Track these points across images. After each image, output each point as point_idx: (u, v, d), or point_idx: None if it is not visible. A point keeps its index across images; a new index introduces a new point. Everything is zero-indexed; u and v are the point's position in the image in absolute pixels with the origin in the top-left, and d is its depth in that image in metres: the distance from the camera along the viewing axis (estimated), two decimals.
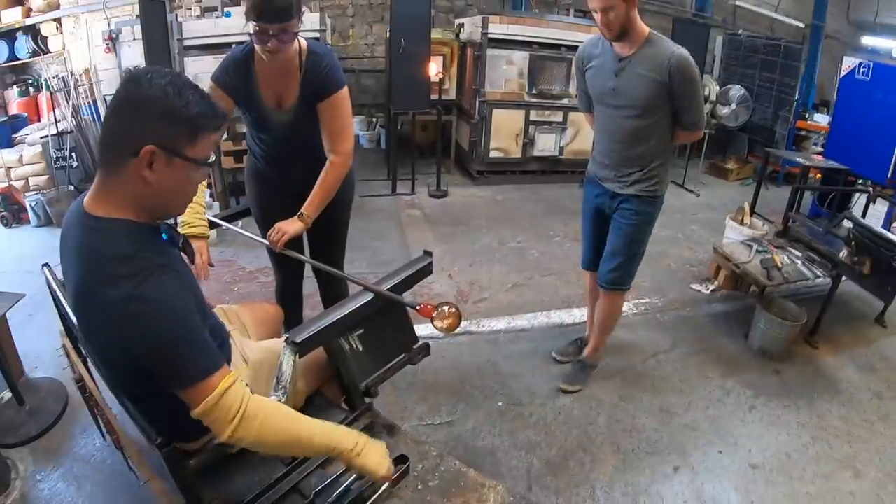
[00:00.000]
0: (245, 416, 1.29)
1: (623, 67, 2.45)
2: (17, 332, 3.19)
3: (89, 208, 1.32)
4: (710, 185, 7.28)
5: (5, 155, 6.21)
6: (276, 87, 2.27)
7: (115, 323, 1.24)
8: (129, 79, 1.28)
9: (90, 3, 7.12)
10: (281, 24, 2.01)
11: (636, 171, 2.62)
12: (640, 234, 2.76)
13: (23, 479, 2.55)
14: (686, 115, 2.49)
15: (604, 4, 2.26)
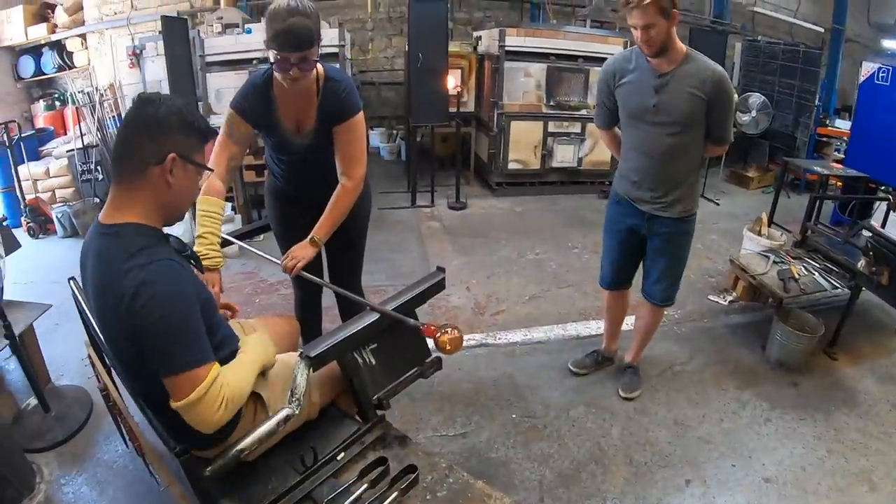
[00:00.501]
0: (226, 405, 1.45)
1: (665, 83, 2.45)
2: (43, 341, 3.30)
3: (103, 220, 1.52)
4: (731, 194, 7.24)
5: (32, 167, 6.41)
6: (295, 113, 2.33)
7: (125, 311, 1.38)
8: (144, 103, 1.52)
9: (114, 20, 7.31)
10: (302, 53, 2.06)
11: (674, 191, 2.63)
12: (685, 251, 2.85)
13: (48, 483, 2.65)
14: (719, 129, 2.52)
15: (645, 21, 2.27)
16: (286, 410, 1.56)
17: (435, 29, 5.79)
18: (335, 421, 1.93)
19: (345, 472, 1.70)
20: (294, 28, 2.01)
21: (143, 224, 1.50)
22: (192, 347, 1.41)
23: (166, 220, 1.59)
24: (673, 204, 2.64)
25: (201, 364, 1.41)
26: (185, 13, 7.21)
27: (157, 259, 1.42)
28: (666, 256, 2.81)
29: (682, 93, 2.42)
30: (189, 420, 1.42)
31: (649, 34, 2.30)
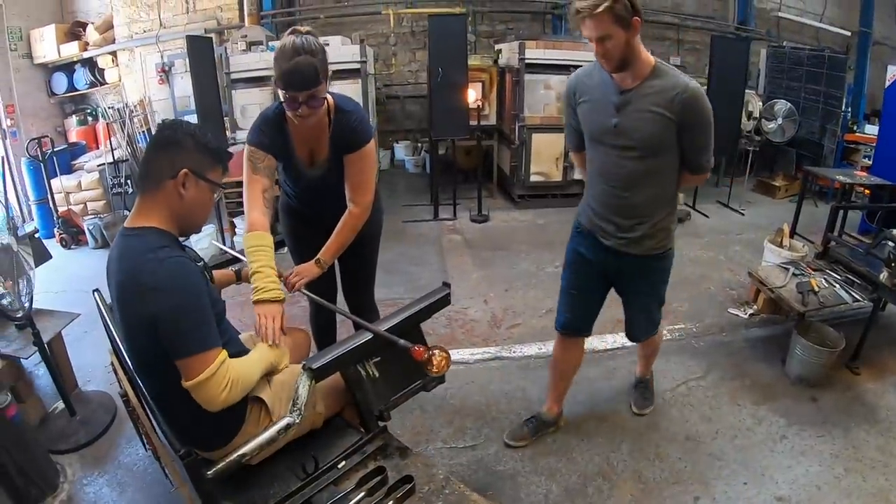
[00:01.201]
0: (232, 388, 1.61)
1: (627, 101, 2.15)
2: (72, 348, 3.44)
3: (127, 225, 1.73)
4: (757, 204, 7.14)
5: (65, 181, 6.65)
6: (308, 144, 2.40)
7: (145, 299, 1.55)
8: (163, 127, 1.82)
9: (144, 38, 7.52)
10: (308, 91, 2.11)
11: (641, 225, 2.31)
12: (661, 290, 2.58)
13: (70, 483, 2.77)
14: (694, 155, 2.22)
15: (599, 32, 1.98)
16: (287, 419, 1.63)
17: (454, 44, 5.86)
18: (338, 431, 1.99)
19: (344, 480, 1.75)
20: (300, 67, 2.07)
21: (162, 229, 1.71)
22: (203, 332, 1.59)
23: (182, 229, 1.80)
24: (641, 240, 2.34)
25: (211, 348, 1.59)
26: (212, 30, 7.40)
27: (175, 256, 1.62)
28: (638, 297, 2.57)
29: (645, 112, 2.12)
30: (198, 398, 1.58)
31: (605, 47, 2.02)
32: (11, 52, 7.32)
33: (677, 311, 4.19)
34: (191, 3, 7.58)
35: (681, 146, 2.19)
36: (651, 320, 2.67)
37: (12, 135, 7.12)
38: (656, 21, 8.73)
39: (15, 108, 7.26)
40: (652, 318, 2.67)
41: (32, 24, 7.63)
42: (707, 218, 6.50)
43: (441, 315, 3.88)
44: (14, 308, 2.79)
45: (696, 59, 8.79)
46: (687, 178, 2.34)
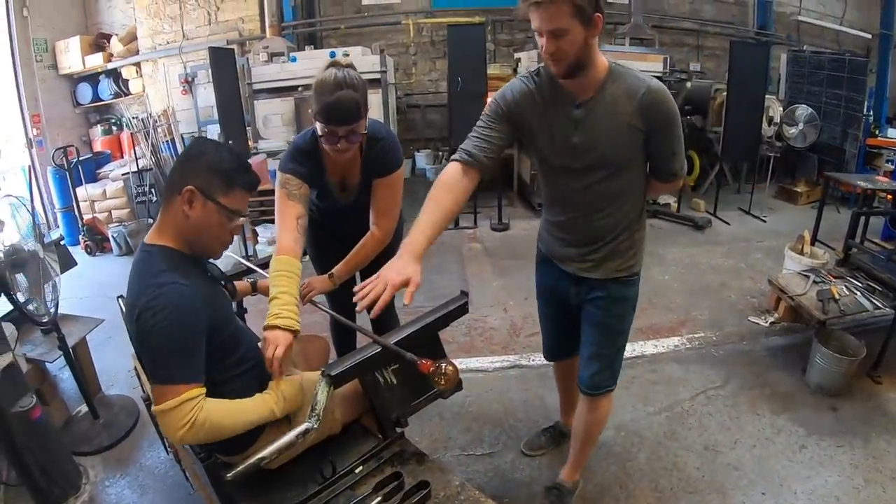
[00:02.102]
0: (191, 428, 1.53)
1: (586, 115, 1.83)
2: (96, 353, 3.52)
3: (147, 239, 1.72)
4: (779, 210, 7.06)
5: (90, 189, 6.76)
6: (341, 171, 2.39)
7: (137, 320, 1.56)
8: (193, 141, 1.80)
9: (167, 49, 7.66)
10: (349, 126, 2.07)
11: (606, 246, 2.02)
12: (623, 324, 2.19)
13: (92, 485, 2.83)
14: (666, 163, 1.93)
15: (554, 25, 1.62)
16: (306, 424, 1.65)
17: (473, 53, 5.90)
18: (356, 436, 2.01)
19: (361, 485, 1.77)
20: (342, 102, 2.02)
21: (173, 248, 1.69)
22: (179, 365, 1.55)
23: (193, 251, 1.74)
24: (604, 261, 2.05)
25: (182, 382, 1.54)
26: (234, 41, 7.51)
27: (173, 282, 1.57)
28: (598, 329, 2.16)
29: (611, 124, 1.81)
30: (160, 426, 1.58)
31: (558, 44, 1.66)
32: (37, 63, 7.48)
33: (697, 319, 4.17)
34: (213, 15, 7.71)
35: (649, 154, 1.91)
36: (604, 366, 2.21)
37: (38, 144, 7.27)
38: (675, 27, 8.72)
39: (41, 118, 7.41)
40: (605, 363, 2.21)
41: (57, 35, 7.79)
42: (728, 225, 6.45)
43: (461, 323, 3.92)
44: (40, 313, 2.84)
45: (715, 64, 8.74)
46: (656, 187, 2.05)
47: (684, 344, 3.82)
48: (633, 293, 2.15)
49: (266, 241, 5.59)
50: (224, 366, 1.73)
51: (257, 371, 1.87)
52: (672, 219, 6.58)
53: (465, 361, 3.64)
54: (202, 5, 7.69)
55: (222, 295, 1.88)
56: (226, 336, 1.72)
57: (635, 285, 2.15)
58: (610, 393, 2.27)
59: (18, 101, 7.26)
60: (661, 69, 6.41)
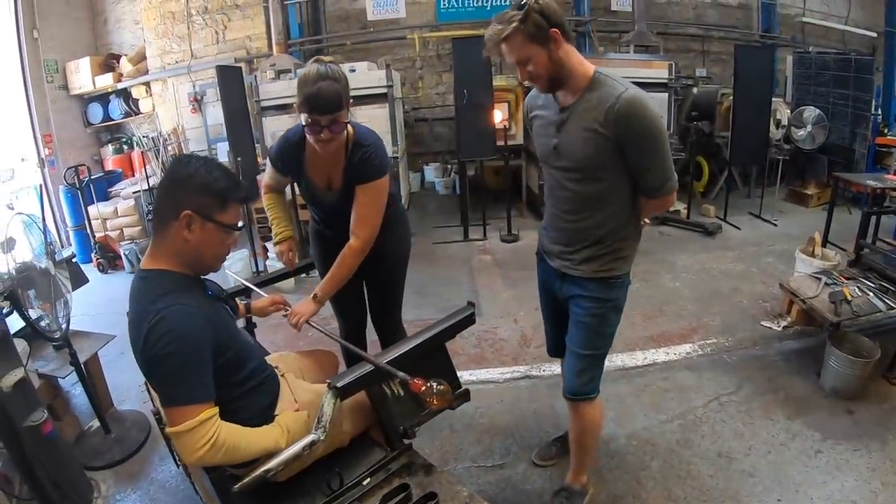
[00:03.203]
0: (211, 448, 1.53)
1: (565, 120, 1.95)
2: (107, 369, 3.55)
3: (142, 265, 1.71)
4: (789, 213, 7.00)
5: (102, 207, 6.84)
6: (324, 171, 2.46)
7: (142, 345, 1.54)
8: (174, 162, 1.74)
9: (176, 68, 7.77)
10: (331, 116, 2.17)
11: (587, 248, 2.08)
12: (604, 326, 2.18)
13: (104, 499, 2.85)
14: (645, 176, 1.93)
15: (517, 56, 1.83)
16: (311, 436, 1.66)
17: (479, 66, 5.91)
18: (364, 448, 2.01)
19: (369, 497, 1.78)
20: (323, 92, 2.13)
21: (171, 271, 1.67)
22: (189, 386, 1.54)
23: (194, 271, 1.74)
24: (585, 261, 2.10)
25: (195, 402, 1.54)
26: (242, 59, 7.62)
27: (175, 304, 1.56)
28: (579, 329, 2.18)
29: (580, 130, 1.89)
30: (176, 448, 1.57)
31: (528, 70, 1.85)
32: (48, 84, 7.63)
33: (709, 325, 4.14)
34: (220, 34, 7.82)
35: (629, 167, 1.93)
36: (585, 368, 2.22)
37: (50, 163, 7.38)
38: (680, 34, 8.73)
39: (52, 138, 7.53)
40: (584, 366, 2.22)
41: (67, 56, 7.94)
42: (739, 230, 6.41)
43: (471, 334, 3.92)
44: (52, 329, 2.87)
45: (721, 69, 8.74)
46: (646, 205, 2.06)
47: (696, 351, 3.79)
48: (615, 295, 2.15)
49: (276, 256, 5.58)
50: (231, 383, 1.72)
51: (265, 389, 1.87)
52: (682, 225, 6.55)
53: (475, 372, 3.64)
54: (210, 25, 7.82)
55: (224, 313, 1.87)
56: (231, 355, 1.71)
57: (619, 289, 2.16)
58: (592, 400, 2.27)
59: (30, 121, 7.39)
60: (667, 76, 6.40)
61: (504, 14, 1.81)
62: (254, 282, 2.61)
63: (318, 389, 1.97)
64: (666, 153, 1.89)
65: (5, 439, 2.58)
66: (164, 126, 7.71)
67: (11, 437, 2.52)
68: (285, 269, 2.92)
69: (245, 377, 1.78)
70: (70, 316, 3.03)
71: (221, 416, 1.59)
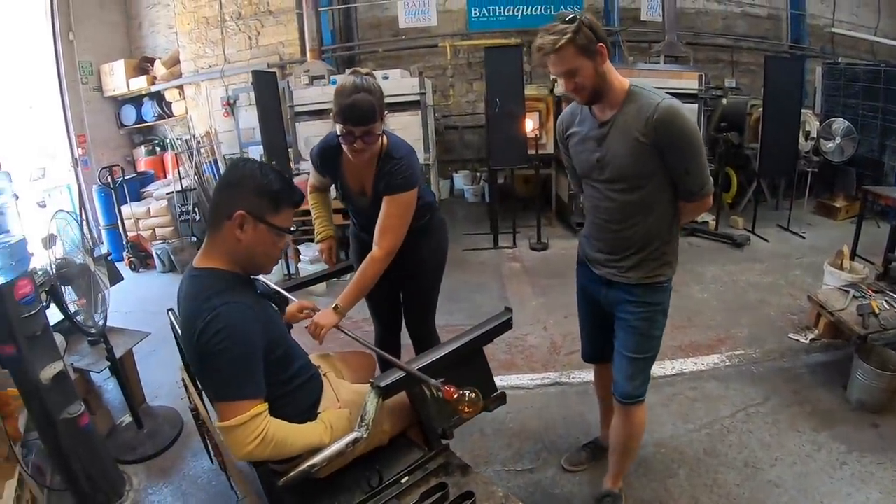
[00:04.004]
0: (261, 443, 1.58)
1: (606, 133, 2.03)
2: (141, 365, 3.64)
3: (195, 263, 1.77)
4: (817, 226, 6.93)
5: (134, 207, 6.98)
6: (358, 177, 2.55)
7: (196, 342, 1.60)
8: (231, 165, 1.82)
9: (209, 72, 7.87)
10: (365, 127, 2.25)
11: (633, 256, 2.15)
12: (653, 329, 2.24)
13: (136, 492, 2.92)
14: (684, 181, 2.02)
15: (565, 67, 1.91)
16: (355, 433, 1.71)
17: (510, 74, 5.96)
18: (403, 448, 2.05)
19: (407, 495, 1.82)
20: (357, 104, 2.22)
21: (224, 270, 1.73)
22: (243, 381, 1.60)
23: (245, 271, 1.80)
24: (632, 269, 2.17)
25: (247, 398, 1.59)
26: (275, 65, 7.69)
27: (228, 302, 1.62)
28: (629, 334, 2.24)
29: (623, 142, 1.99)
30: (226, 442, 1.60)
31: (574, 82, 1.94)
32: (83, 86, 7.80)
33: (737, 336, 4.14)
34: (254, 39, 7.92)
35: (667, 171, 2.02)
36: (635, 373, 2.28)
37: (84, 163, 7.53)
38: (710, 44, 8.70)
39: (86, 138, 7.68)
40: (635, 369, 2.28)
41: (102, 59, 8.12)
42: (767, 242, 6.37)
43: (501, 340, 3.91)
44: (88, 325, 2.95)
45: (751, 80, 8.68)
46: (684, 208, 2.15)
47: (724, 361, 3.80)
48: (662, 298, 2.22)
49: (308, 259, 5.65)
50: (279, 381, 1.77)
51: (310, 387, 1.93)
52: (710, 236, 6.53)
53: (505, 378, 3.66)
54: (243, 30, 7.92)
55: (274, 312, 1.93)
56: (280, 353, 1.77)
57: (665, 292, 2.23)
58: (642, 403, 2.34)
59: (65, 121, 7.55)
60: (697, 87, 6.39)
61: (555, 26, 1.88)
62: (284, 286, 2.66)
63: (359, 389, 2.04)
64: (703, 157, 2.01)
65: (42, 430, 2.67)
66: (197, 129, 7.80)
67: (48, 428, 2.61)
68: (318, 273, 2.98)
69: (292, 375, 1.84)
70: (107, 312, 3.10)
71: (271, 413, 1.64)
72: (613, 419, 2.44)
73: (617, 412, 2.39)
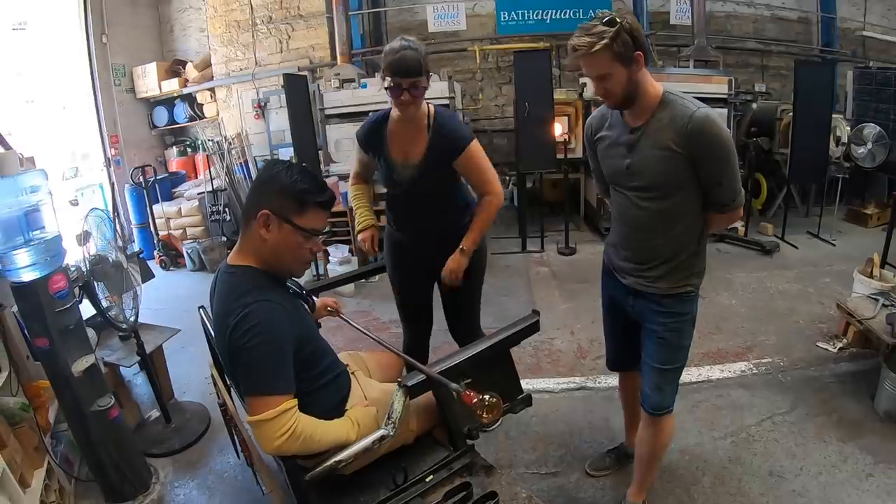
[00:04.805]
0: (289, 438, 1.61)
1: (636, 140, 1.99)
2: (170, 361, 3.72)
3: (229, 261, 1.82)
4: (848, 234, 6.82)
5: (166, 207, 7.11)
6: (403, 145, 2.62)
7: (229, 337, 1.65)
8: (264, 165, 1.88)
9: (240, 75, 7.98)
10: (411, 79, 2.39)
11: (661, 266, 2.11)
12: (681, 339, 2.20)
13: (162, 485, 2.99)
14: (716, 192, 1.97)
15: (598, 71, 1.86)
16: (382, 431, 1.74)
17: (539, 78, 5.97)
18: (428, 447, 2.07)
19: (431, 493, 1.84)
20: (406, 57, 2.37)
21: (257, 268, 1.77)
22: (273, 376, 1.64)
23: (274, 271, 1.82)
24: (660, 279, 2.13)
25: (277, 393, 1.63)
26: (305, 68, 7.76)
27: (261, 299, 1.67)
28: (657, 345, 2.20)
29: (655, 149, 1.95)
30: (255, 436, 1.64)
31: (605, 86, 1.90)
32: (115, 87, 7.98)
33: (764, 344, 4.10)
34: (284, 43, 8.02)
35: (699, 182, 1.98)
36: (663, 383, 2.25)
37: (116, 163, 7.67)
38: (739, 48, 8.61)
39: (119, 139, 7.84)
40: (664, 380, 2.24)
41: (135, 61, 8.29)
42: (796, 249, 6.29)
43: (527, 344, 3.96)
44: (119, 320, 3.02)
45: (781, 84, 8.58)
46: (714, 219, 2.10)
47: (751, 369, 3.76)
48: (689, 309, 2.18)
49: (337, 261, 5.69)
50: (308, 377, 1.81)
51: (338, 384, 1.97)
52: (739, 243, 6.46)
53: (531, 381, 3.67)
54: (274, 34, 8.02)
55: (304, 310, 1.98)
56: (309, 350, 1.81)
57: (693, 302, 2.18)
58: (671, 413, 2.31)
59: (98, 122, 7.73)
60: (727, 91, 6.34)
61: (593, 27, 1.83)
62: (313, 287, 2.69)
63: (387, 388, 2.08)
64: (736, 169, 1.95)
65: (72, 422, 2.75)
66: (228, 130, 7.91)
67: (79, 420, 2.69)
68: (347, 274, 3.02)
69: (320, 372, 1.88)
70: (139, 308, 3.18)
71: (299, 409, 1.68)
72: (640, 429, 2.41)
73: (644, 423, 2.36)
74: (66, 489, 2.88)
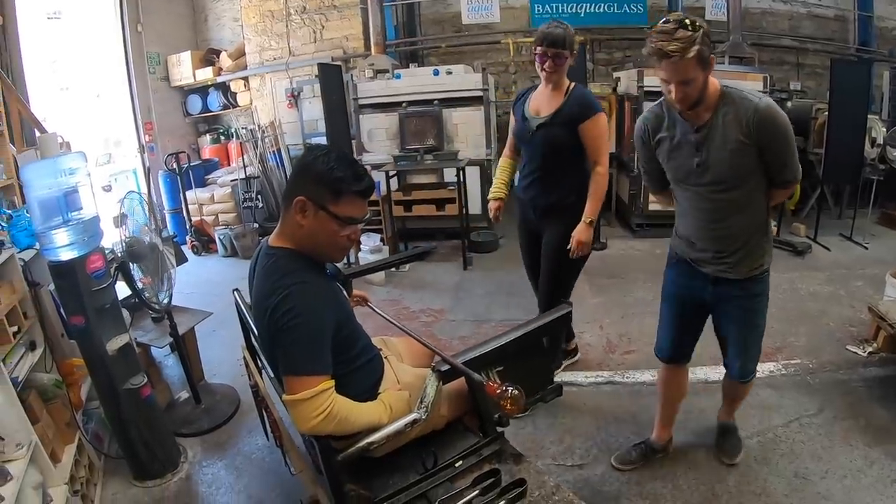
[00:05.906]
0: (326, 418, 1.63)
1: (704, 137, 2.08)
2: (201, 343, 3.79)
3: (270, 242, 1.86)
4: (882, 237, 6.68)
5: (199, 193, 7.24)
6: (540, 104, 3.12)
7: (270, 318, 1.68)
8: (304, 151, 1.90)
9: (273, 65, 8.05)
10: (555, 49, 2.89)
11: (740, 249, 2.25)
12: (761, 317, 2.42)
13: (191, 464, 3.07)
14: (781, 172, 2.12)
15: (682, 77, 1.90)
16: (414, 414, 1.77)
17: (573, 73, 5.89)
18: (458, 433, 2.10)
19: (460, 479, 1.87)
20: (552, 31, 2.88)
21: (296, 251, 1.80)
22: (312, 357, 1.67)
23: (311, 256, 1.83)
24: (739, 263, 2.27)
25: (315, 374, 1.65)
26: (338, 58, 7.82)
27: (301, 281, 1.71)
28: (737, 325, 2.42)
29: (726, 144, 2.04)
30: (291, 415, 1.66)
31: (685, 91, 1.94)
32: (150, 75, 8.10)
33: (794, 345, 4.07)
34: (318, 33, 8.08)
35: (764, 166, 2.10)
36: (747, 357, 2.50)
37: (150, 149, 7.81)
38: (775, 45, 8.48)
39: (153, 126, 7.97)
40: (748, 355, 2.50)
41: (170, 50, 8.42)
42: (829, 251, 6.20)
43: None
44: (153, 302, 3.09)
45: (816, 83, 8.46)
46: (776, 194, 2.26)
47: (780, 370, 3.74)
48: (766, 287, 2.38)
49: (368, 249, 5.71)
50: (344, 359, 1.84)
51: (371, 367, 2.00)
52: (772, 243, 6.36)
53: (560, 375, 3.68)
54: (308, 24, 8.08)
55: (341, 293, 2.02)
56: (346, 333, 1.85)
57: (767, 281, 2.37)
58: (749, 381, 2.66)
59: (132, 109, 7.87)
60: (762, 89, 6.25)
61: (675, 31, 1.87)
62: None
63: (419, 373, 2.11)
64: (795, 149, 2.11)
65: (105, 399, 2.84)
66: (262, 119, 8.00)
67: (111, 397, 2.78)
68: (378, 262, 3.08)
69: (356, 355, 1.92)
70: (173, 290, 3.25)
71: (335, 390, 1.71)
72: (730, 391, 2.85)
73: (729, 384, 2.77)
74: (96, 465, 2.97)
